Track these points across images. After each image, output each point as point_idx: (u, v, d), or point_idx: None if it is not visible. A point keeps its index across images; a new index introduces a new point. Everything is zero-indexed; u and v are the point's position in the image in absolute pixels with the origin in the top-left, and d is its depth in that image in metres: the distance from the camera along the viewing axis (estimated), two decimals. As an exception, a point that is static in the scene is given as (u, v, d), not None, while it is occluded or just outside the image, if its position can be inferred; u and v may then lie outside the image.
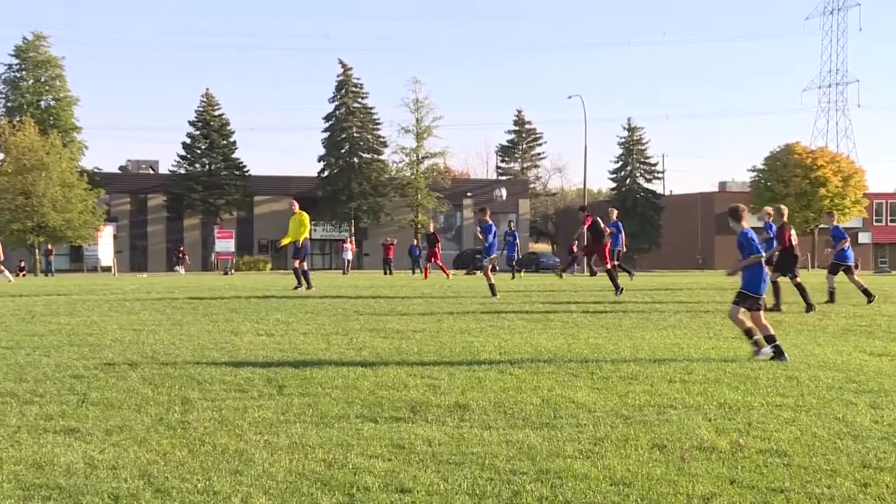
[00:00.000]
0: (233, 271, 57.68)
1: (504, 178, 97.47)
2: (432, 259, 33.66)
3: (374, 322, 15.06)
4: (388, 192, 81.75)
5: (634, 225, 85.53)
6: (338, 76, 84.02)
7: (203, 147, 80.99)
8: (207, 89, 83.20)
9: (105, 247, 69.99)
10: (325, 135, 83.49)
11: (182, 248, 67.96)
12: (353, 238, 75.45)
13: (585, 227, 21.32)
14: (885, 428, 7.33)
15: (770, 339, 11.05)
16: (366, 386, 9.06)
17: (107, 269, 64.83)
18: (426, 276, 33.45)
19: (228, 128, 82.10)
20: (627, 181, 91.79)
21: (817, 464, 6.20)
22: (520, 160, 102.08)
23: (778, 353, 10.88)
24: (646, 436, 6.96)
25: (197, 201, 77.77)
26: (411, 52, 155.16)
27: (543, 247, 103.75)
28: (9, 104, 75.43)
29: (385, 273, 46.95)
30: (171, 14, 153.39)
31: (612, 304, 18.63)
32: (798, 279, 17.59)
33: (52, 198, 65.41)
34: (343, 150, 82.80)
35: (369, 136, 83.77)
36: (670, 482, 5.75)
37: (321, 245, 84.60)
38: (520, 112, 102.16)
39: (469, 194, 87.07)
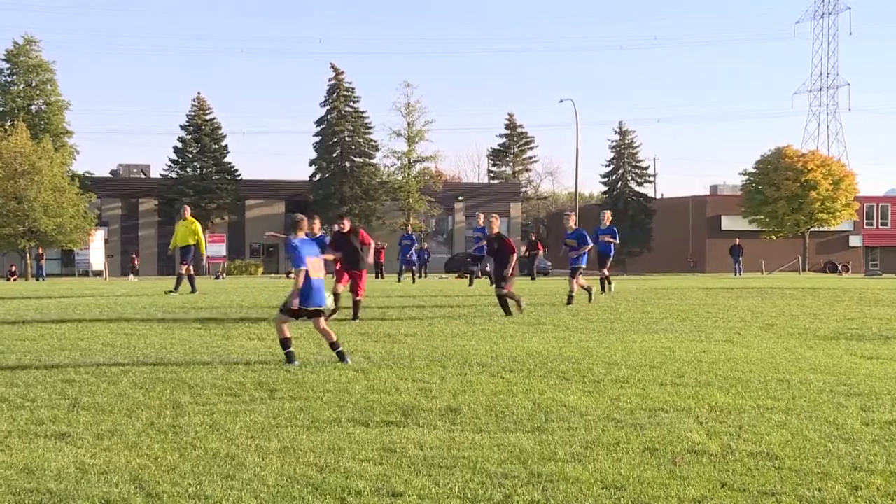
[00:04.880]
0: (224, 275, 57.56)
1: (495, 181, 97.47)
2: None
3: (366, 326, 15.05)
4: (380, 196, 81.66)
5: (626, 228, 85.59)
6: (329, 80, 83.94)
7: (194, 151, 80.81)
8: (199, 93, 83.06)
9: (96, 251, 69.86)
10: (317, 139, 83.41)
11: (134, 256, 68.20)
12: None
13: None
14: (876, 431, 7.36)
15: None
16: (357, 390, 9.06)
17: (98, 274, 64.66)
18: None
19: (220, 132, 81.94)
20: (619, 185, 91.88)
21: (808, 467, 6.22)
22: (511, 164, 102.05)
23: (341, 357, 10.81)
24: (637, 439, 6.97)
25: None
26: (403, 55, 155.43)
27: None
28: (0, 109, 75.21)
29: (377, 277, 46.90)
30: (163, 18, 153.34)
31: (604, 309, 18.64)
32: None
33: (43, 202, 65.20)
34: (335, 154, 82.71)
35: (361, 140, 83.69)
36: (661, 485, 5.77)
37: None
38: (511, 116, 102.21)
39: (460, 198, 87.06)
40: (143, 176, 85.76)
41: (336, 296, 15.21)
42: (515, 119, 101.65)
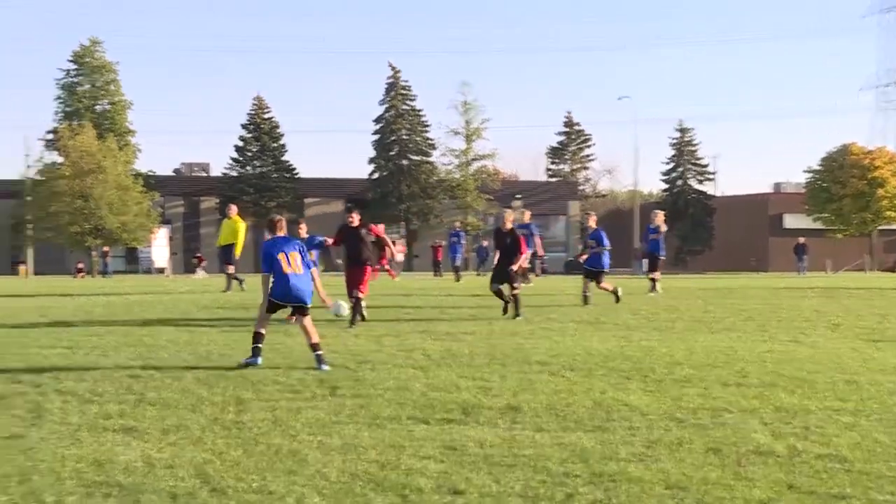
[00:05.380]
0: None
1: (553, 179, 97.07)
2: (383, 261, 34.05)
3: (425, 324, 15.08)
4: (438, 195, 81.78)
5: (686, 227, 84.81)
6: (387, 79, 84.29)
7: (254, 150, 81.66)
8: (258, 93, 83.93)
9: (159, 249, 70.90)
10: (375, 137, 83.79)
11: (199, 254, 68.42)
12: (404, 240, 75.57)
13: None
14: (947, 433, 7.19)
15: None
16: (417, 388, 9.08)
17: (160, 271, 65.61)
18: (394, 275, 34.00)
19: (278, 130, 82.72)
20: (679, 182, 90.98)
21: (879, 470, 6.09)
22: (569, 162, 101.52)
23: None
24: (700, 439, 6.89)
25: (248, 203, 78.34)
26: (460, 54, 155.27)
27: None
28: (66, 109, 76.60)
29: (435, 275, 46.97)
30: (225, 19, 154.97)
31: (666, 308, 18.48)
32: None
33: (108, 201, 66.41)
34: (392, 153, 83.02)
35: (418, 139, 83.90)
36: (726, 486, 5.69)
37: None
38: (569, 114, 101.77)
39: (518, 196, 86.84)
40: (204, 174, 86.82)
41: (357, 300, 14.78)
42: (573, 117, 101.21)
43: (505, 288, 16.63)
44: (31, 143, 77.48)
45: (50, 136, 74.84)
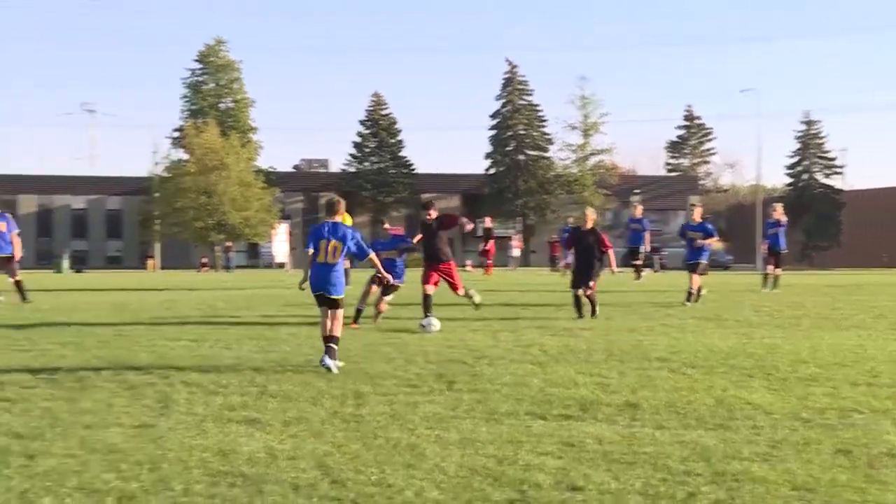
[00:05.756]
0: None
1: (673, 174, 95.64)
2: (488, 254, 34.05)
3: (542, 320, 15.02)
4: (555, 190, 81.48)
5: (811, 222, 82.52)
6: (504, 74, 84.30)
7: (372, 146, 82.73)
8: (376, 89, 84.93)
9: (279, 244, 72.42)
10: (492, 132, 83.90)
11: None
12: (520, 235, 75.48)
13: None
14: None
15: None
16: (535, 383, 9.04)
17: (281, 266, 67.03)
18: (488, 271, 33.79)
19: (396, 127, 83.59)
20: (804, 176, 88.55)
21: None
22: (689, 156, 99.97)
23: None
24: (829, 440, 6.68)
25: (366, 199, 79.47)
26: (578, 49, 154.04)
27: (716, 244, 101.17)
28: (192, 107, 78.94)
29: (552, 270, 46.79)
30: (344, 17, 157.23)
31: (790, 304, 18.00)
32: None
33: (231, 197, 68.18)
34: (509, 148, 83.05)
35: (535, 134, 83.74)
36: (857, 489, 5.49)
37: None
38: (689, 107, 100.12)
39: (636, 191, 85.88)
40: (323, 170, 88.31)
41: (427, 297, 14.06)
42: (694, 110, 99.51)
43: (581, 292, 15.46)
44: (158, 141, 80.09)
45: (176, 134, 77.26)
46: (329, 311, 10.19)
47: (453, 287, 14.54)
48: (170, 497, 5.32)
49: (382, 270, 11.61)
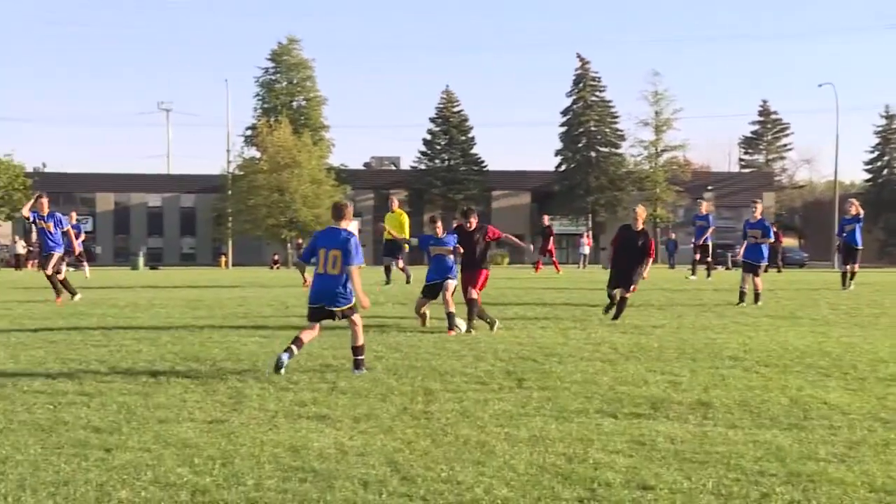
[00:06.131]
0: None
1: (747, 170, 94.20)
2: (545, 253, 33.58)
3: (610, 318, 14.87)
4: (626, 186, 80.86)
5: (892, 219, 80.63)
6: (575, 70, 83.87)
7: (442, 143, 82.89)
8: (447, 86, 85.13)
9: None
10: (563, 129, 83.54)
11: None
12: (591, 232, 75.04)
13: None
14: None
15: None
16: (605, 381, 8.98)
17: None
18: (537, 270, 33.37)
19: (467, 124, 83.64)
20: (885, 172, 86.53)
21: None
22: (764, 152, 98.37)
23: None
24: (908, 441, 6.52)
25: (437, 196, 79.67)
26: (650, 44, 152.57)
27: (790, 241, 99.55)
28: (265, 105, 79.90)
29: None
30: (415, 15, 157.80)
31: (868, 303, 17.61)
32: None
33: (303, 194, 68.82)
34: (580, 145, 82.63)
35: (607, 130, 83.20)
36: (937, 493, 5.36)
37: (557, 240, 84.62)
38: (765, 102, 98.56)
39: (709, 188, 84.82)
40: (393, 168, 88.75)
41: (471, 301, 13.40)
42: (769, 105, 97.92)
43: (619, 292, 14.56)
44: (232, 140, 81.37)
45: (249, 133, 78.26)
46: (351, 319, 9.56)
47: (470, 286, 13.62)
48: (242, 492, 5.39)
49: (360, 292, 9.53)
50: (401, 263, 23.67)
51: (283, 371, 9.25)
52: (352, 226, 10.22)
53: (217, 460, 6.03)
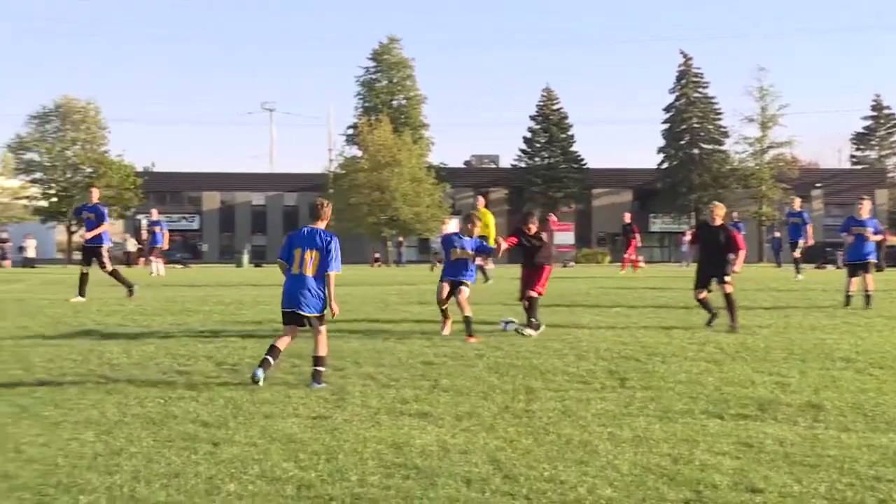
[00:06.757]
0: (572, 264, 58.28)
1: (858, 167, 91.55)
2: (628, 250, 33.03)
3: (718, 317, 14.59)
4: (730, 184, 79.35)
5: None
6: (678, 67, 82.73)
7: (542, 141, 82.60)
8: (547, 84, 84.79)
9: (450, 240, 73.12)
10: (665, 126, 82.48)
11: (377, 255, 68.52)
12: (694, 230, 73.92)
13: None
14: None
15: None
16: (710, 382, 8.82)
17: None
18: (623, 268, 32.72)
19: (567, 121, 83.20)
20: None
21: None
22: (877, 148, 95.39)
23: None
24: None
25: (537, 194, 79.45)
26: (754, 39, 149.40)
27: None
28: (366, 104, 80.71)
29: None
30: (511, 12, 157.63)
31: None
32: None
33: (403, 192, 69.29)
34: (683, 142, 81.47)
35: (710, 127, 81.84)
36: None
37: (660, 238, 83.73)
38: (878, 97, 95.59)
39: (818, 185, 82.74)
40: (493, 166, 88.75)
41: (531, 300, 13.04)
42: (882, 100, 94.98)
43: (708, 293, 13.84)
44: (334, 139, 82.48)
45: (350, 131, 79.18)
46: (317, 328, 8.94)
47: (532, 286, 13.27)
48: (346, 487, 5.43)
49: (333, 299, 9.01)
50: (479, 261, 23.61)
51: (261, 384, 8.60)
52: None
53: (321, 456, 6.10)
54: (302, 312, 8.88)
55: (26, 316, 14.84)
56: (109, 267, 18.63)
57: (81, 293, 17.88)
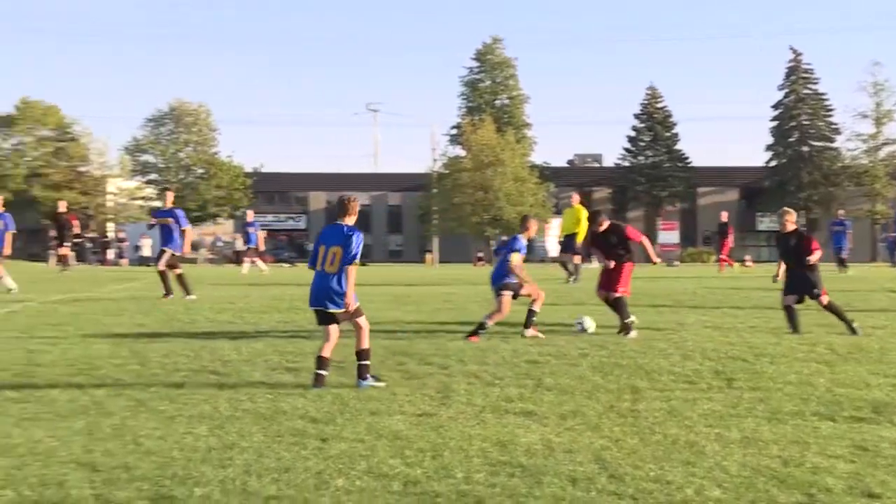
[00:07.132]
0: (677, 263, 57.43)
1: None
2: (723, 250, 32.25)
3: (827, 317, 14.22)
4: (842, 182, 77.11)
5: None
6: (787, 63, 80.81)
7: (646, 140, 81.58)
8: (651, 82, 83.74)
9: (553, 239, 72.88)
10: (773, 123, 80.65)
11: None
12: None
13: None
14: None
15: None
16: (821, 383, 8.63)
17: (554, 261, 67.40)
18: (721, 269, 31.80)
19: (671, 119, 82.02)
20: None
21: None
22: None
23: None
24: None
25: (641, 193, 78.52)
26: (870, 30, 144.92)
27: None
28: (469, 104, 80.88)
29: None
30: (614, 11, 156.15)
31: None
32: None
33: (506, 192, 69.27)
34: (792, 139, 79.50)
35: (821, 124, 79.70)
36: None
37: (767, 237, 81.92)
38: None
39: (935, 182, 79.83)
40: (596, 165, 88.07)
41: (617, 300, 12.80)
42: None
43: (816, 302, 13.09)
44: (437, 139, 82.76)
45: (454, 131, 79.48)
46: (334, 326, 8.93)
47: (609, 286, 13.06)
48: (452, 484, 5.48)
49: (351, 291, 8.95)
50: (577, 259, 23.45)
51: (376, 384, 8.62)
52: (555, 223, 10.15)
53: (427, 453, 6.17)
54: (328, 310, 8.86)
55: (142, 313, 15.31)
56: (162, 267, 18.53)
57: (188, 292, 18.22)
